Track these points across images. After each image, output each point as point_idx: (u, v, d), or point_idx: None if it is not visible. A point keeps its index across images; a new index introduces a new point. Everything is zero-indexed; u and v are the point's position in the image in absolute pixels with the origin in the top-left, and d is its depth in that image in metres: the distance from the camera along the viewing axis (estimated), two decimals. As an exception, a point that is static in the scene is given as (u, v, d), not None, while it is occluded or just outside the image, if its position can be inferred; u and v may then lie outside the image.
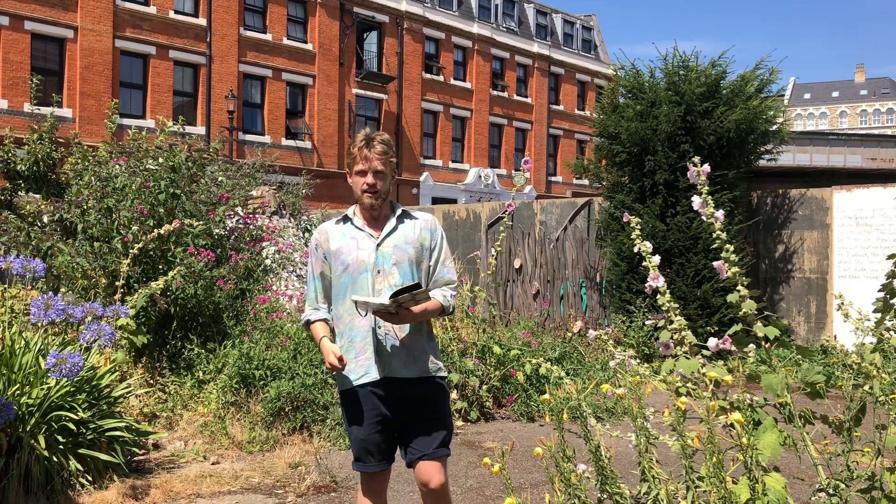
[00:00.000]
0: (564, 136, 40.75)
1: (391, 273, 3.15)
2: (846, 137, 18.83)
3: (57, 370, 4.51)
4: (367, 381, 3.12)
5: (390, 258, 3.17)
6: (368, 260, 3.16)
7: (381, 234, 3.21)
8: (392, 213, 3.28)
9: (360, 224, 3.24)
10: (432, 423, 3.14)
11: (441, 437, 3.14)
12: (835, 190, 10.97)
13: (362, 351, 3.14)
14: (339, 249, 3.20)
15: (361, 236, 3.21)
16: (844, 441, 2.54)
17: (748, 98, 10.67)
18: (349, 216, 3.28)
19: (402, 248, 3.20)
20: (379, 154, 3.18)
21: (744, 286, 2.65)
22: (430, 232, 3.29)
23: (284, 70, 29.67)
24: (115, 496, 4.64)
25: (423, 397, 3.15)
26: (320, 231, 3.32)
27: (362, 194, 3.20)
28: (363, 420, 3.13)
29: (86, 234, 7.76)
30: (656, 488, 2.31)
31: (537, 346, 8.20)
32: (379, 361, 3.12)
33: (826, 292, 10.87)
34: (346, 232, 3.24)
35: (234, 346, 6.85)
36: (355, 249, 3.18)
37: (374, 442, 3.14)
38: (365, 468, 3.19)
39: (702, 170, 2.71)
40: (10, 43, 23.36)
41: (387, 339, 3.14)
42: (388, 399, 3.12)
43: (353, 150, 3.20)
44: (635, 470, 2.73)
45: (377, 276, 3.15)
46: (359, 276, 3.15)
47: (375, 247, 3.18)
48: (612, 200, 11.38)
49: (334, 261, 3.21)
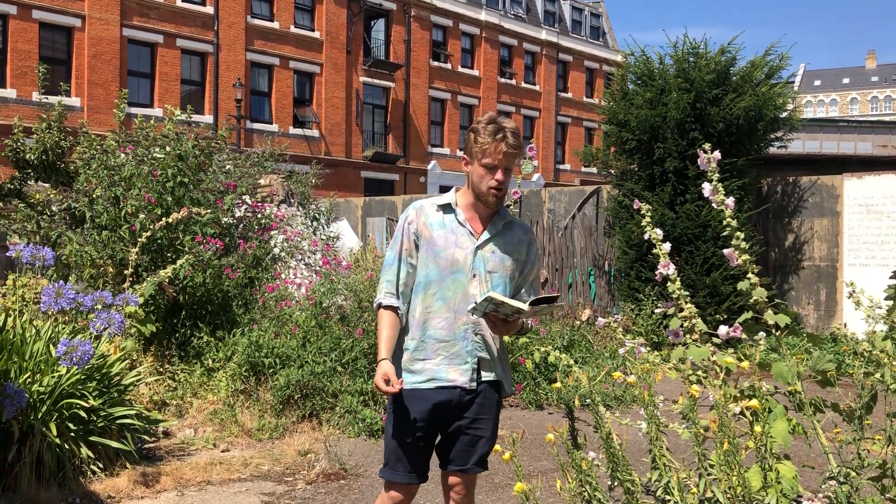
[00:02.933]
0: (573, 123, 40.60)
1: (485, 281, 2.86)
2: (857, 124, 18.69)
3: (67, 358, 4.53)
4: (434, 387, 2.86)
5: (487, 263, 2.87)
6: (465, 261, 2.86)
7: (482, 234, 2.89)
8: (497, 214, 2.94)
9: (462, 219, 2.90)
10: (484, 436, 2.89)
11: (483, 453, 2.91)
12: (845, 177, 10.90)
13: (436, 353, 2.87)
14: (434, 238, 2.88)
15: (462, 232, 2.89)
16: (855, 429, 2.53)
17: (758, 85, 10.61)
18: (452, 206, 2.93)
19: (501, 256, 2.89)
20: (513, 148, 2.84)
21: (754, 274, 2.64)
22: (528, 245, 2.98)
23: (292, 58, 29.62)
24: (125, 483, 4.67)
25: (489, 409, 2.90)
26: (418, 210, 2.95)
27: (487, 191, 2.85)
28: (407, 423, 2.88)
29: (94, 223, 7.77)
30: (667, 476, 2.31)
31: (546, 334, 8.20)
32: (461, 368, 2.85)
33: (836, 280, 10.82)
34: (447, 223, 2.90)
35: (243, 334, 6.87)
36: (453, 246, 2.86)
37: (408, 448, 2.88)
38: (393, 477, 2.91)
39: (713, 157, 2.69)
40: (18, 32, 23.38)
41: (480, 347, 2.87)
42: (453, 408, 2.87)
43: (481, 137, 2.84)
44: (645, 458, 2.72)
45: (472, 280, 2.85)
46: (450, 275, 2.85)
47: (475, 248, 2.87)
48: (620, 188, 11.34)
49: (426, 249, 2.89)
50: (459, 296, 2.84)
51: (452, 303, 2.85)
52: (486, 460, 2.93)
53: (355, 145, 31.42)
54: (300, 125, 29.95)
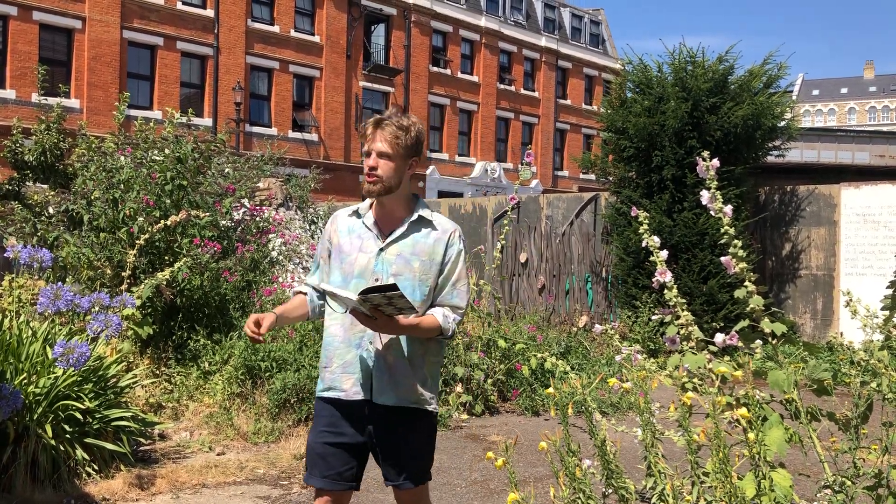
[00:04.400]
0: (571, 130, 40.66)
1: None
2: (855, 134, 18.73)
3: (64, 360, 4.53)
4: (331, 397, 2.79)
5: (391, 267, 2.76)
6: (367, 265, 2.77)
7: (388, 237, 2.80)
8: (409, 216, 2.83)
9: (370, 222, 2.84)
10: (407, 454, 2.78)
11: (411, 472, 2.79)
12: (843, 187, 10.93)
13: (332, 360, 2.80)
14: (341, 244, 2.85)
15: (368, 236, 2.82)
16: (851, 438, 2.53)
17: (755, 94, 10.64)
18: (360, 211, 2.89)
19: (407, 258, 2.77)
20: (388, 135, 2.76)
21: (751, 282, 2.65)
22: (446, 246, 2.81)
23: (292, 62, 29.65)
24: (120, 485, 4.66)
25: (399, 429, 2.78)
26: (333, 218, 2.97)
27: (364, 179, 2.83)
28: (318, 428, 2.81)
29: (91, 225, 7.77)
30: (662, 483, 2.31)
31: (542, 341, 8.20)
32: (360, 379, 2.76)
33: (833, 289, 10.84)
34: (354, 228, 2.86)
35: (240, 337, 6.87)
36: (357, 251, 2.81)
37: (322, 453, 2.78)
38: (310, 481, 2.81)
39: (711, 164, 2.70)
40: (18, 33, 23.40)
41: (372, 356, 2.75)
42: (356, 420, 2.77)
43: (364, 131, 2.84)
44: (640, 465, 2.73)
45: (374, 284, 2.72)
46: (352, 280, 2.76)
47: (378, 251, 2.79)
48: (618, 195, 11.36)
49: (335, 255, 2.86)
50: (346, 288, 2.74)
51: None
52: (419, 476, 2.82)
53: (354, 150, 31.44)
54: (299, 129, 29.96)
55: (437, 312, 2.75)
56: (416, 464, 2.81)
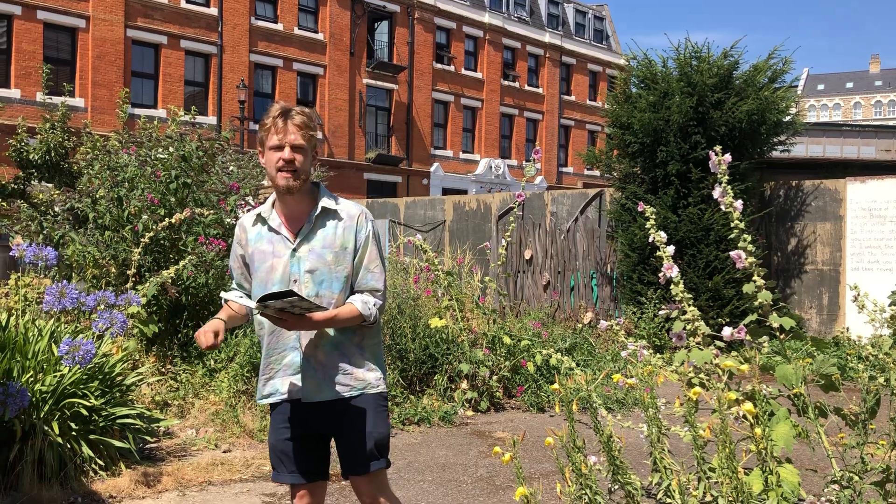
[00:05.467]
0: (576, 126, 40.59)
1: (307, 283, 2.72)
2: (860, 129, 18.65)
3: (70, 358, 4.53)
4: (275, 402, 2.81)
5: (304, 265, 2.73)
6: (284, 269, 2.74)
7: (296, 236, 2.77)
8: (313, 210, 2.78)
9: (276, 225, 2.78)
10: (355, 439, 2.77)
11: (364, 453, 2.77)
12: (848, 181, 10.89)
13: (270, 365, 2.80)
14: (253, 254, 2.80)
15: (277, 240, 2.77)
16: (859, 433, 2.52)
17: (760, 88, 10.60)
18: (264, 215, 2.81)
19: (319, 252, 2.74)
20: (298, 125, 2.71)
21: (759, 277, 2.63)
22: (355, 232, 2.78)
23: (295, 60, 29.66)
24: (127, 483, 4.67)
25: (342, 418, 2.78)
26: (240, 226, 2.87)
27: (277, 174, 2.69)
28: (275, 427, 2.83)
29: (96, 224, 7.78)
30: (668, 479, 2.30)
31: (548, 337, 8.19)
32: (290, 380, 2.77)
33: (839, 284, 10.80)
34: (262, 234, 2.80)
35: (245, 335, 6.87)
36: (270, 256, 2.76)
37: (283, 450, 2.82)
38: (278, 477, 2.86)
39: (723, 159, 2.69)
40: (22, 32, 23.44)
41: (303, 357, 2.75)
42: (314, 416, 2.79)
43: (265, 121, 2.73)
44: (646, 460, 2.72)
45: (293, 285, 2.72)
46: (272, 286, 2.72)
47: (291, 252, 2.75)
48: (623, 191, 11.33)
49: (251, 266, 2.83)
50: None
51: None
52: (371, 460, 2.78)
53: (358, 147, 31.44)
54: (303, 127, 29.94)
55: (355, 300, 2.73)
56: (369, 447, 2.77)
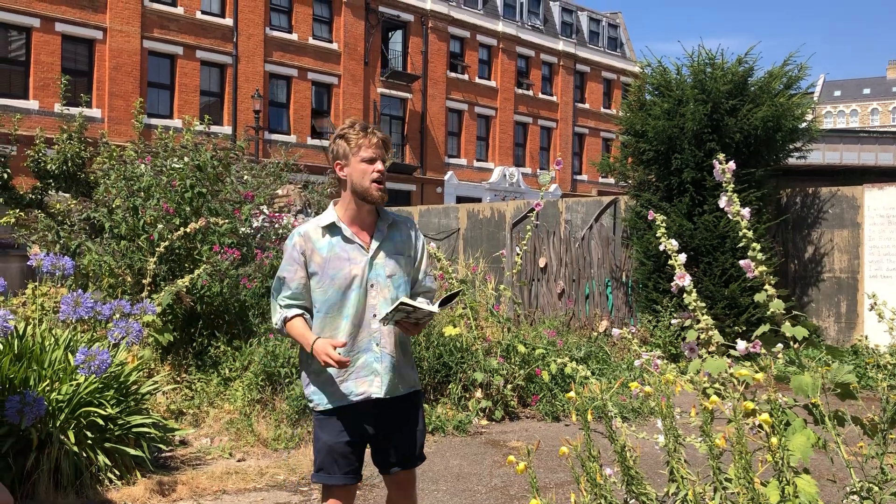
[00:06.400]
0: (590, 134, 40.53)
1: (386, 287, 2.92)
2: (878, 135, 18.51)
3: (86, 367, 4.56)
4: (344, 405, 2.92)
5: (384, 270, 2.93)
6: (361, 275, 2.89)
7: (370, 243, 2.94)
8: (379, 218, 2.98)
9: (349, 234, 2.93)
10: (414, 433, 3.05)
11: (417, 448, 3.07)
12: (866, 188, 10.79)
13: (341, 373, 2.91)
14: (326, 264, 2.90)
15: (352, 248, 2.91)
16: (878, 443, 2.49)
17: (775, 95, 10.54)
18: (338, 224, 2.94)
19: (394, 258, 2.95)
20: (385, 143, 2.93)
21: (771, 285, 2.61)
22: (414, 238, 3.04)
23: (310, 70, 29.81)
24: (142, 491, 4.68)
25: (409, 409, 3.05)
26: (304, 237, 2.94)
27: (371, 185, 2.87)
28: (335, 430, 2.93)
29: (112, 233, 7.84)
30: (684, 489, 2.28)
31: (562, 346, 8.16)
32: (374, 380, 2.92)
33: (857, 292, 10.70)
34: (334, 243, 2.91)
35: (260, 343, 6.89)
36: (347, 264, 2.89)
37: (343, 452, 2.93)
38: (329, 479, 2.94)
39: (727, 167, 2.67)
40: (41, 44, 23.71)
41: (383, 357, 2.93)
42: (374, 416, 2.96)
43: (350, 134, 2.88)
44: (662, 470, 2.69)
45: (371, 290, 2.90)
46: (350, 292, 2.88)
47: (369, 260, 2.91)
48: (638, 199, 11.29)
49: (321, 275, 2.91)
50: (361, 310, 2.90)
51: (355, 318, 2.91)
52: (422, 451, 3.09)
53: (372, 156, 31.51)
54: (318, 136, 30.10)
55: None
56: (422, 438, 3.09)
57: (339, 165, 2.94)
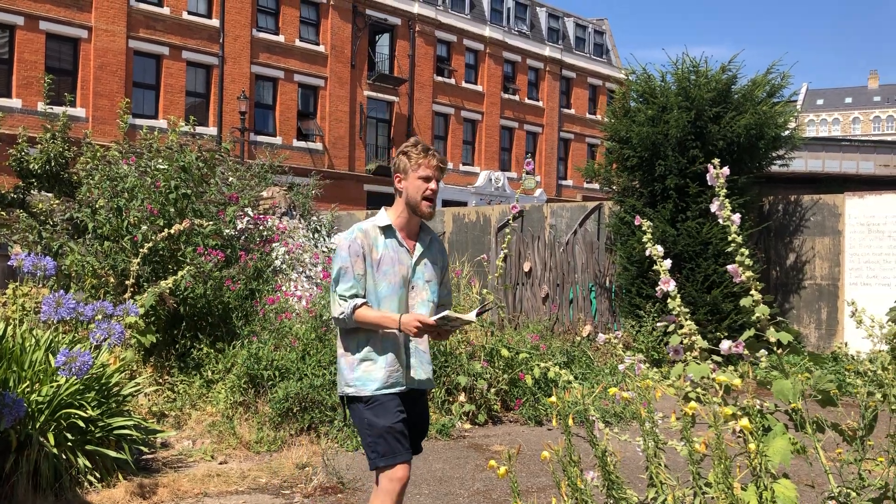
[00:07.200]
0: (575, 139, 40.68)
1: (424, 289, 3.28)
2: (859, 144, 18.71)
3: (67, 368, 4.53)
4: (399, 391, 3.23)
5: (423, 275, 3.29)
6: (406, 275, 3.25)
7: (415, 250, 3.30)
8: (422, 230, 3.35)
9: (401, 238, 3.28)
10: (426, 422, 3.48)
11: (425, 435, 3.52)
12: (847, 196, 10.90)
13: (394, 361, 3.23)
14: (381, 260, 3.23)
15: (401, 251, 3.27)
16: (857, 449, 2.52)
17: (758, 103, 10.62)
18: (395, 226, 3.28)
19: (431, 266, 3.33)
20: (442, 165, 3.27)
21: (757, 291, 2.63)
22: (443, 252, 3.44)
23: (296, 72, 29.74)
24: (122, 494, 4.65)
25: (427, 401, 3.49)
26: (364, 232, 3.24)
27: (421, 201, 3.23)
28: (391, 412, 3.18)
29: (96, 234, 7.78)
30: (664, 493, 2.29)
31: (546, 350, 8.18)
32: (415, 371, 3.28)
33: (837, 299, 10.80)
34: (389, 244, 3.25)
35: (243, 346, 6.86)
36: (396, 263, 3.24)
37: (402, 431, 3.19)
38: (395, 459, 3.13)
39: (721, 172, 2.69)
40: (24, 43, 23.51)
41: (417, 351, 3.30)
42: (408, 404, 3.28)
43: (412, 152, 3.23)
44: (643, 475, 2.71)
45: (411, 291, 3.27)
46: (398, 290, 3.22)
47: (412, 265, 3.27)
48: (622, 205, 11.34)
49: (375, 269, 3.22)
50: (403, 308, 3.24)
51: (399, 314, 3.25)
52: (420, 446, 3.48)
53: (358, 159, 31.49)
54: (304, 138, 30.03)
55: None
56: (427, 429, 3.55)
57: (399, 178, 3.29)
